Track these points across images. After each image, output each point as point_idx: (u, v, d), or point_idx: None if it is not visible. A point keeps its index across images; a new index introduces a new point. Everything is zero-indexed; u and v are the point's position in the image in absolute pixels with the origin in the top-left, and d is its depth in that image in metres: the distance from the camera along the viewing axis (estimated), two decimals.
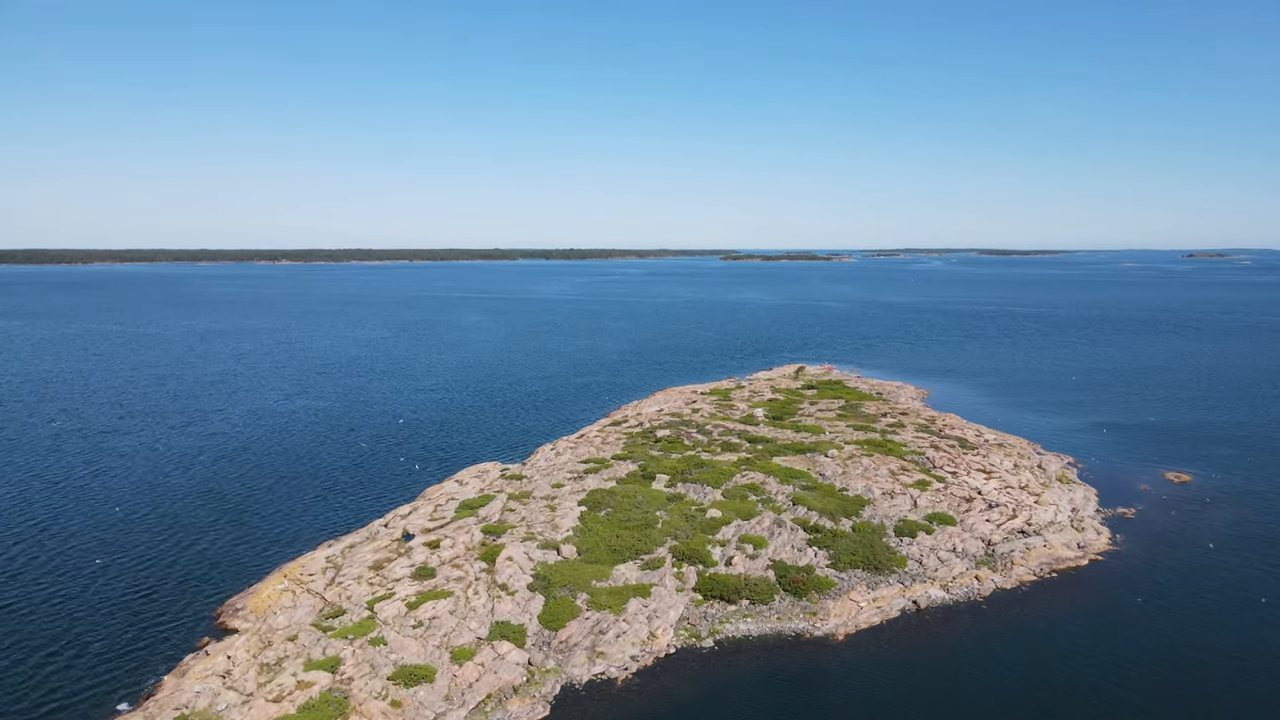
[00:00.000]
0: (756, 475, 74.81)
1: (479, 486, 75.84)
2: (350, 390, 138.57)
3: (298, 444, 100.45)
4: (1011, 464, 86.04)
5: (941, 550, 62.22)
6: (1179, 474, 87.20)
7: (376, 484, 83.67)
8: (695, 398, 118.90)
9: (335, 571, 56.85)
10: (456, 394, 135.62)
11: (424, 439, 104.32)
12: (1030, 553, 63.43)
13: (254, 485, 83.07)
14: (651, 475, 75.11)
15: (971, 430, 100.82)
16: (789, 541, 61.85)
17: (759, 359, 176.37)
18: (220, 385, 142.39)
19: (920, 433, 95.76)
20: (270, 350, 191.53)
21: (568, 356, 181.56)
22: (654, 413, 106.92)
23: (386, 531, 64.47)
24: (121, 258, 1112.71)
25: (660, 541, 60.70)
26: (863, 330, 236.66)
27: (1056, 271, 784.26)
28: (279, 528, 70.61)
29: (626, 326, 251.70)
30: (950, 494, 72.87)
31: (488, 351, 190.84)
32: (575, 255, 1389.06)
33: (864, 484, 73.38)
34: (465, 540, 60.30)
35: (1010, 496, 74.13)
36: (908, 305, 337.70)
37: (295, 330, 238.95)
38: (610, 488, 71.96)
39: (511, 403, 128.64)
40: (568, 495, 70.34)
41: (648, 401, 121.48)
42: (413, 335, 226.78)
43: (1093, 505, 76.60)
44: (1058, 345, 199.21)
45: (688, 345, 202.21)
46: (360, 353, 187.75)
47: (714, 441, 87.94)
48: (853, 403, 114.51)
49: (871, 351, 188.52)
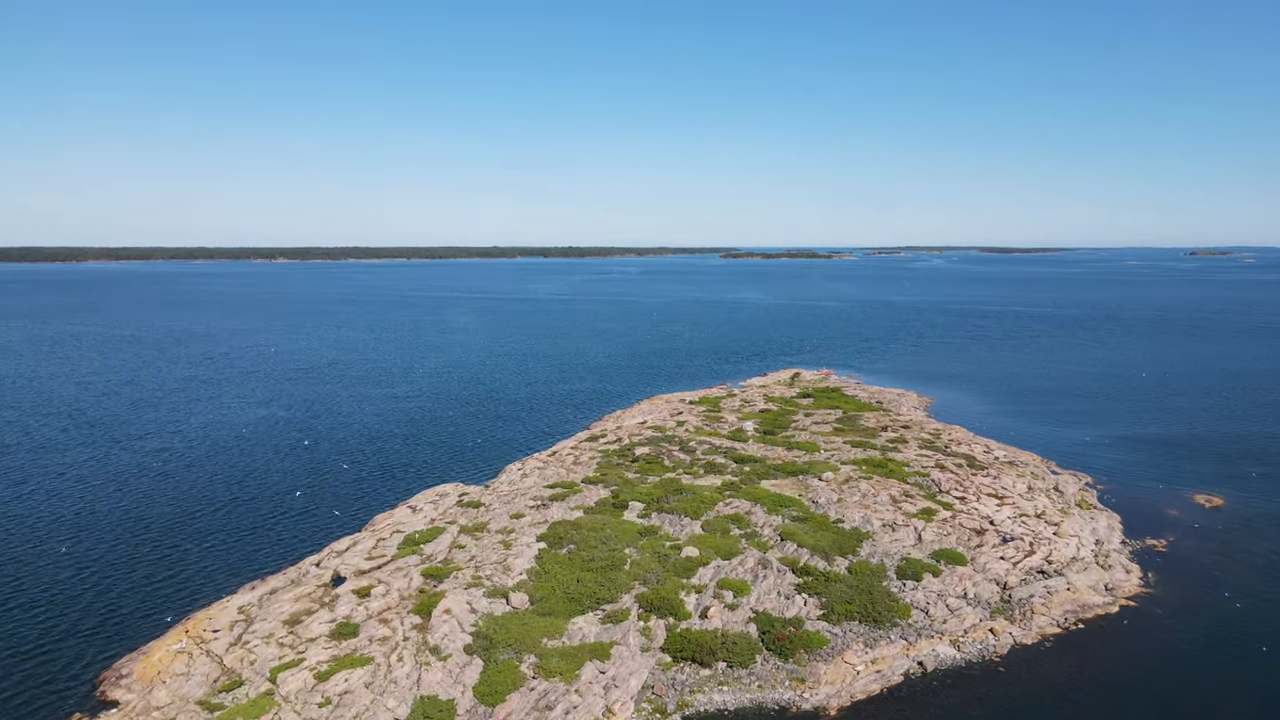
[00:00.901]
0: (741, 503, 66.75)
1: (431, 515, 67.81)
2: (319, 399, 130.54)
3: (248, 462, 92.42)
4: (1025, 486, 78.00)
5: (951, 596, 54.15)
6: (1209, 497, 79.10)
7: (323, 510, 75.64)
8: (682, 408, 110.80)
9: (245, 626, 48.83)
10: (431, 402, 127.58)
11: (388, 455, 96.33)
12: (1052, 598, 55.36)
13: (188, 512, 75.04)
14: (624, 503, 67.04)
15: (980, 446, 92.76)
16: (775, 587, 53.79)
17: (754, 363, 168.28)
18: (181, 393, 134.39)
19: (924, 449, 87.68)
20: (244, 353, 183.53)
21: (554, 360, 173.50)
22: (635, 425, 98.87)
23: (316, 573, 56.44)
24: (117, 255, 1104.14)
25: (626, 587, 52.66)
26: (863, 331, 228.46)
27: (1059, 270, 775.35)
28: (201, 565, 62.59)
29: (619, 328, 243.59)
30: (959, 525, 64.78)
31: (471, 355, 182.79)
32: (574, 253, 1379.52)
33: (862, 514, 65.31)
34: (401, 587, 52.26)
35: (1026, 527, 66.07)
36: (909, 304, 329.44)
37: (275, 332, 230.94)
38: (576, 518, 63.90)
39: (488, 413, 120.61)
40: (527, 528, 62.28)
41: (631, 412, 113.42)
42: (396, 337, 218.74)
43: (1118, 536, 68.55)
44: (1066, 348, 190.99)
45: (680, 348, 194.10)
46: (338, 356, 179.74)
47: (697, 462, 79.84)
48: (851, 413, 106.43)
49: (871, 354, 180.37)
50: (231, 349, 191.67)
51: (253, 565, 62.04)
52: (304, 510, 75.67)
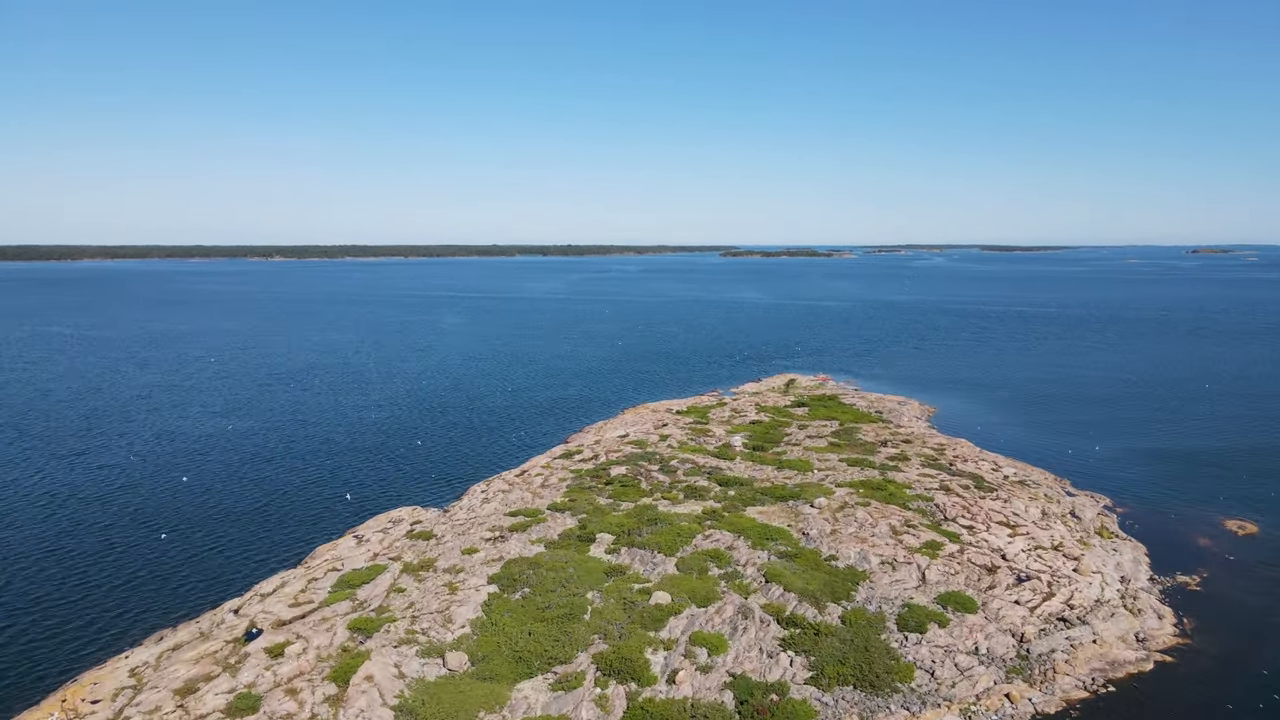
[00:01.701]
0: (723, 535, 59.52)
1: (376, 548, 60.61)
2: (286, 408, 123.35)
3: (194, 481, 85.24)
4: (1039, 511, 70.80)
5: (960, 652, 46.91)
6: (1241, 522, 71.82)
7: (263, 540, 68.43)
8: (668, 419, 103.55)
9: (133, 694, 41.66)
10: (405, 412, 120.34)
11: (348, 472, 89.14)
12: (1076, 653, 48.10)
13: (112, 543, 67.82)
14: (591, 536, 59.82)
15: (987, 463, 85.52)
16: (757, 641, 46.58)
17: (749, 367, 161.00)
18: (142, 401, 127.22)
19: (927, 467, 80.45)
20: (220, 356, 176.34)
21: (541, 365, 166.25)
22: (615, 440, 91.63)
23: (232, 623, 49.24)
24: (114, 254, 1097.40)
25: (584, 642, 45.48)
26: (862, 333, 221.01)
27: (1062, 268, 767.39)
28: (106, 610, 55.34)
29: (612, 329, 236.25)
30: (967, 561, 57.54)
31: (455, 359, 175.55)
32: (573, 251, 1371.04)
33: (858, 548, 58.06)
34: (322, 644, 45.06)
35: (1043, 562, 58.84)
36: (910, 304, 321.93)
37: (257, 333, 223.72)
38: (535, 555, 56.69)
39: (463, 423, 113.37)
40: (478, 566, 55.06)
41: (614, 423, 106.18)
42: (381, 339, 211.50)
43: (1145, 571, 61.28)
44: (1074, 351, 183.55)
45: (674, 351, 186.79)
46: (316, 360, 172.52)
47: (677, 484, 72.57)
48: (848, 425, 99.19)
49: (871, 358, 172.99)
50: (208, 351, 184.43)
51: (167, 609, 54.87)
52: (241, 540, 68.46)
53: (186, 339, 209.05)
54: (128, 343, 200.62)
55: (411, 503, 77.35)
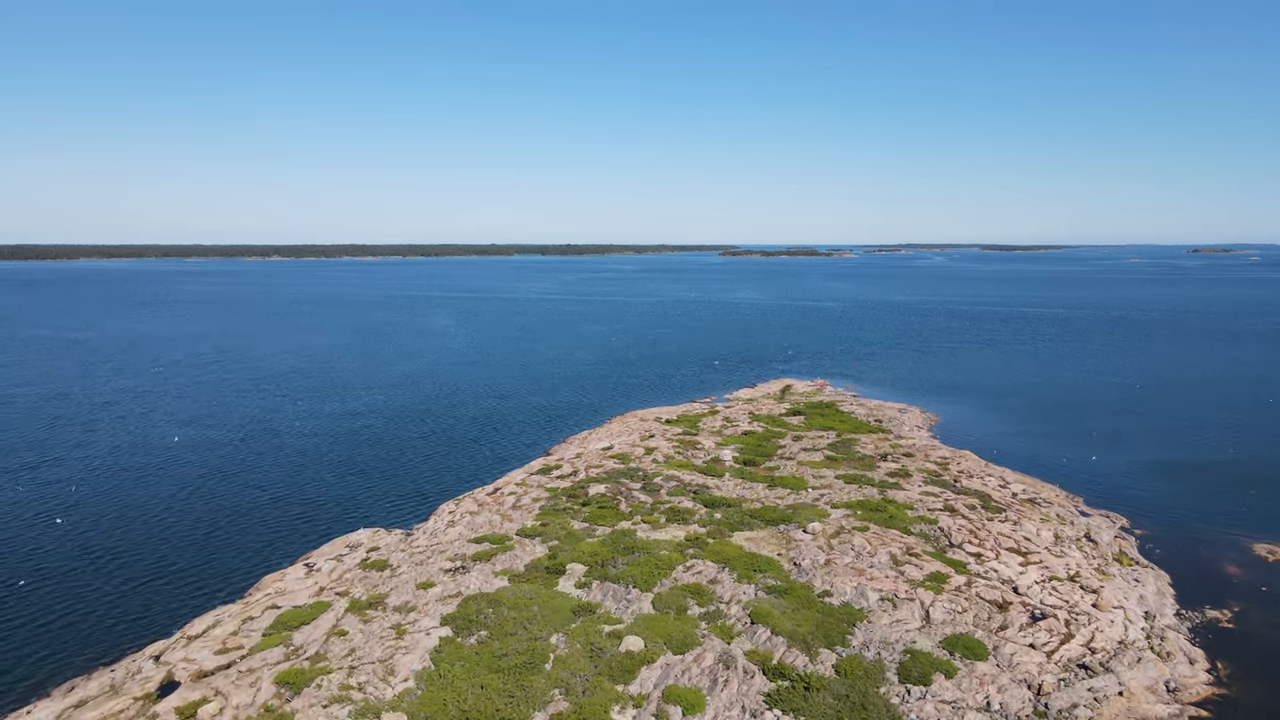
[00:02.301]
0: (707, 566, 54.03)
1: (325, 580, 55.10)
2: (260, 416, 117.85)
3: (149, 499, 79.76)
4: (1051, 534, 65.32)
5: (970, 709, 41.39)
6: (1272, 547, 66.25)
7: (205, 570, 62.87)
8: (655, 430, 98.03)
9: None
10: (383, 421, 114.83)
11: (314, 488, 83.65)
12: (1102, 708, 42.57)
13: (45, 571, 62.33)
14: (560, 567, 54.30)
15: (994, 478, 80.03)
16: (738, 698, 41.06)
17: (744, 371, 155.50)
18: (108, 409, 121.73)
19: (930, 484, 74.95)
20: (198, 361, 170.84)
21: (529, 369, 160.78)
22: (598, 453, 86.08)
23: (149, 671, 43.75)
24: (110, 253, 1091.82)
25: (543, 699, 40.00)
26: (862, 335, 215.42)
27: (1064, 268, 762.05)
28: (24, 655, 49.82)
29: (605, 331, 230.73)
30: (976, 596, 52.02)
31: (441, 363, 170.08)
32: (573, 251, 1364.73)
33: (855, 582, 52.52)
34: (242, 701, 39.56)
35: (1059, 596, 53.34)
36: (911, 305, 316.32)
37: (239, 335, 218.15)
38: (497, 590, 51.17)
39: (444, 433, 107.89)
40: (433, 604, 49.53)
41: (599, 433, 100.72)
42: (366, 342, 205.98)
43: (1170, 605, 55.77)
44: (1082, 355, 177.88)
45: (667, 354, 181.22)
46: (298, 364, 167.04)
47: (659, 506, 67.03)
48: (846, 436, 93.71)
49: (871, 362, 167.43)
50: (186, 355, 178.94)
51: (88, 652, 49.36)
52: (185, 568, 62.96)
53: (165, 341, 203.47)
54: (105, 345, 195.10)
55: (377, 523, 71.95)
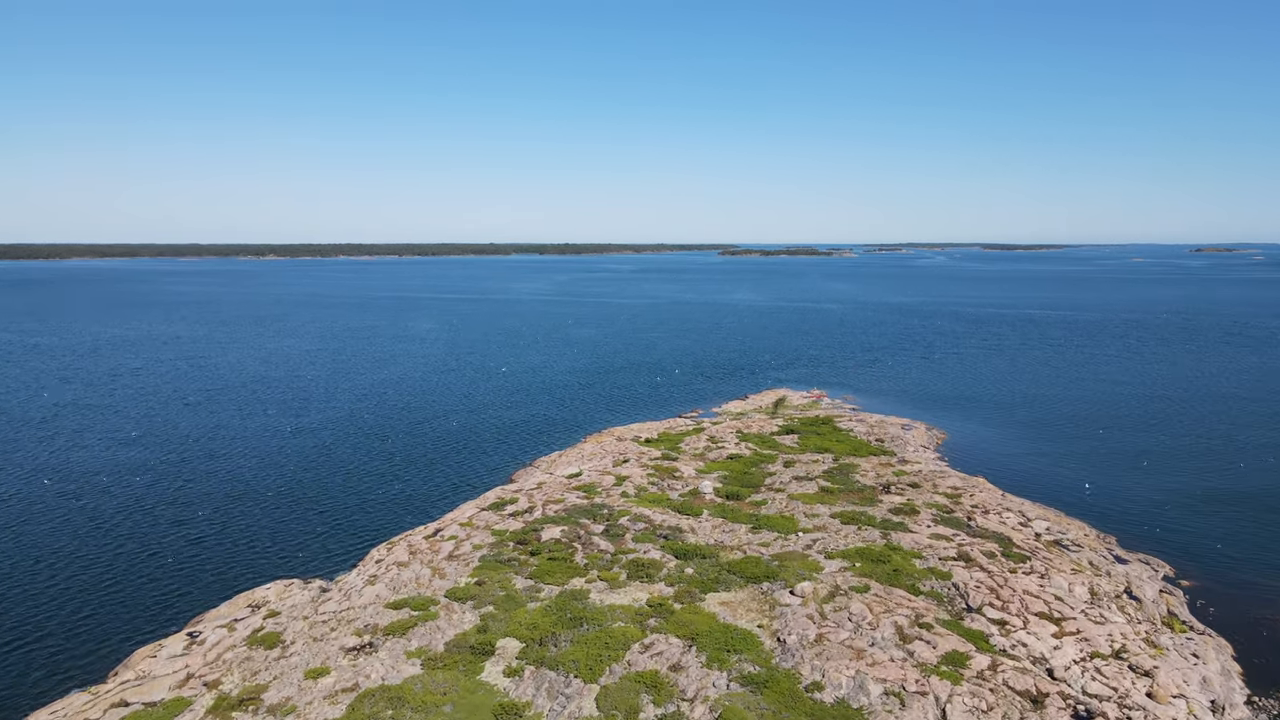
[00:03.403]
0: (670, 645, 43.86)
1: (200, 661, 44.93)
2: (203, 435, 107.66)
3: (46, 539, 69.63)
4: (1086, 589, 55.23)
5: None
6: None
7: (76, 639, 52.60)
8: (632, 452, 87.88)
9: None
10: (340, 439, 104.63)
11: (240, 526, 73.45)
12: None
13: None
14: (490, 645, 44.11)
15: (1013, 514, 69.89)
16: None
17: (735, 380, 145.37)
18: (45, 425, 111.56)
19: (941, 524, 64.83)
20: (157, 369, 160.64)
21: (508, 379, 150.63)
22: (562, 483, 75.89)
23: None
24: (103, 253, 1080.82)
25: None
26: (863, 340, 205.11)
27: (1068, 268, 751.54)
28: None
29: (593, 335, 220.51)
30: (1003, 685, 41.87)
31: (414, 371, 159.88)
32: (571, 250, 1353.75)
33: (852, 669, 42.33)
34: None
35: (1105, 681, 43.27)
36: (913, 307, 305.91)
37: (210, 341, 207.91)
38: (404, 681, 41.00)
39: (400, 454, 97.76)
40: (318, 704, 39.37)
41: (569, 456, 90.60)
42: (341, 347, 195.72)
43: (1238, 687, 45.70)
44: (1097, 361, 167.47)
45: (655, 361, 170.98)
46: (262, 373, 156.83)
47: (622, 555, 56.84)
48: (844, 461, 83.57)
49: (872, 370, 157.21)
50: (148, 363, 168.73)
51: None
52: (55, 638, 52.72)
53: (130, 348, 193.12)
54: (64, 352, 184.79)
55: (296, 570, 62.02)
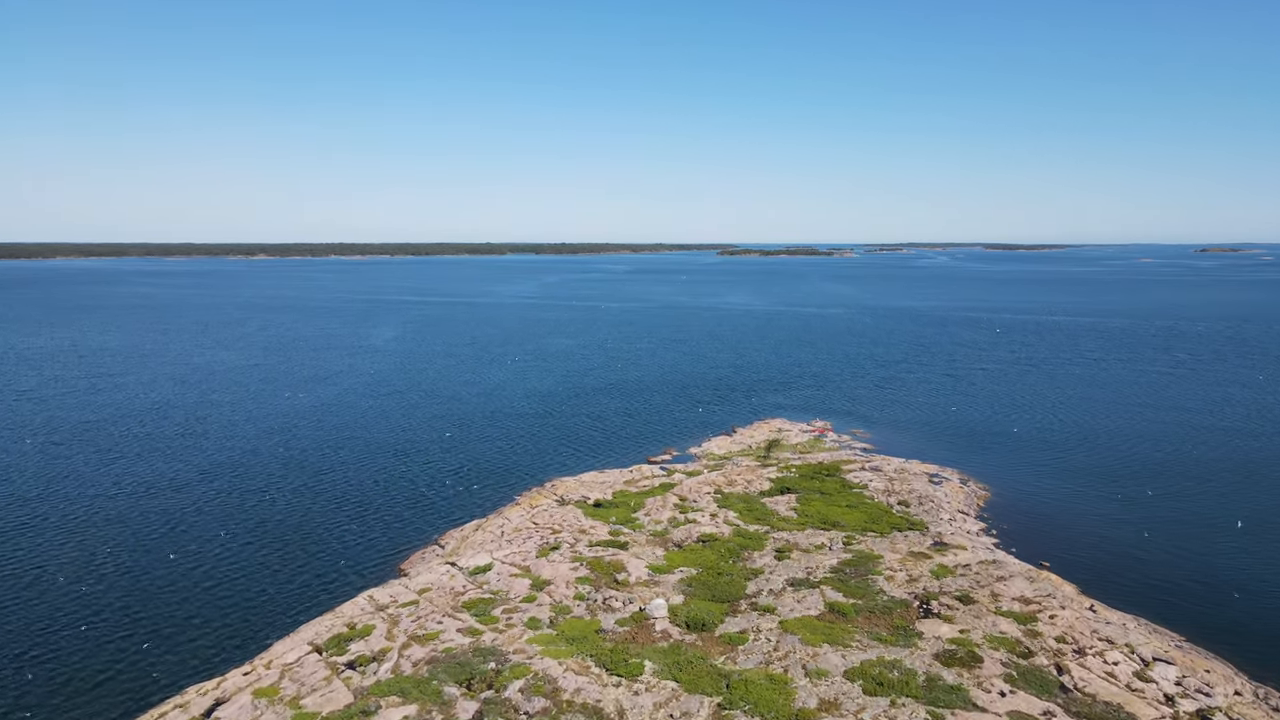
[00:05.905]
0: None
1: None
2: (32, 492, 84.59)
3: None
4: None
5: None
6: None
7: None
8: (568, 528, 64.52)
9: None
10: (208, 502, 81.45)
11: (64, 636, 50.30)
12: None
13: None
14: None
15: (1119, 653, 46.52)
16: None
17: (724, 407, 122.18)
18: None
19: (1019, 683, 41.51)
20: (47, 392, 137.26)
21: (454, 406, 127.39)
22: (454, 591, 52.48)
23: None
24: (87, 252, 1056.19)
25: None
26: (872, 353, 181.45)
27: (1075, 269, 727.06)
28: None
29: (569, 347, 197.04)
30: None
31: (351, 394, 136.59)
32: (568, 250, 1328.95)
33: None
34: None
35: None
36: (924, 312, 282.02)
37: (131, 355, 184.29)
38: None
39: (270, 529, 74.45)
40: None
41: (489, 527, 67.30)
42: (281, 361, 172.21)
43: None
44: (1152, 380, 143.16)
45: (634, 380, 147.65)
46: (171, 396, 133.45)
47: None
48: (858, 548, 60.27)
49: (886, 392, 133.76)
50: (43, 382, 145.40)
51: None
52: None
53: (35, 363, 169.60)
54: None
55: None
